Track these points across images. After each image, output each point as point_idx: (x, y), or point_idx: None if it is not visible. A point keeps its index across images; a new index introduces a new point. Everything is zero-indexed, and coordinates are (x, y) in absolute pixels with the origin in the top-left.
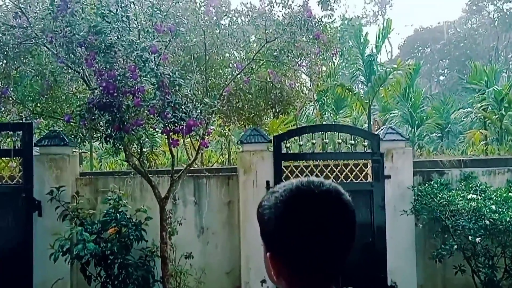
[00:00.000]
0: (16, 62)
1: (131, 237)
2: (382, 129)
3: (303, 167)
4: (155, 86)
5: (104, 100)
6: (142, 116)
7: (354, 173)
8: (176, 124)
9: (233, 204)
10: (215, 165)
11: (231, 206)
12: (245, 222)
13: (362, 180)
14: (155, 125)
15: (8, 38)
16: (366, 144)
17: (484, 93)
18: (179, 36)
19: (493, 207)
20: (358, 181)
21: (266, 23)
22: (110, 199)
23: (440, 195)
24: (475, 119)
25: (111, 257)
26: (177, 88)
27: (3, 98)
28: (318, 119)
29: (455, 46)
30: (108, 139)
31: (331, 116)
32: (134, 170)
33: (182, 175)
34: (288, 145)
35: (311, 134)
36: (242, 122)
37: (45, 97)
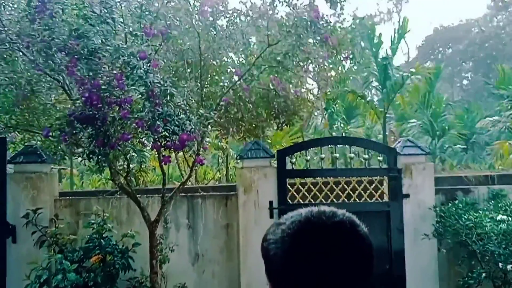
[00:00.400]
0: None
1: (117, 266)
2: (399, 141)
3: (310, 185)
4: (144, 96)
5: (87, 112)
6: (129, 129)
7: (368, 191)
8: (167, 139)
9: (231, 227)
10: (211, 182)
11: (230, 230)
12: (245, 247)
13: (377, 199)
14: (144, 139)
15: None
16: (381, 158)
17: None
18: (171, 40)
19: None
20: (373, 200)
21: (268, 24)
22: (93, 223)
23: (465, 216)
24: (504, 128)
25: None
26: (168, 98)
27: None
28: (327, 130)
29: (479, 47)
30: (91, 155)
31: (342, 126)
32: (120, 190)
33: (174, 195)
34: (293, 160)
35: (319, 147)
36: (241, 135)
37: (20, 109)
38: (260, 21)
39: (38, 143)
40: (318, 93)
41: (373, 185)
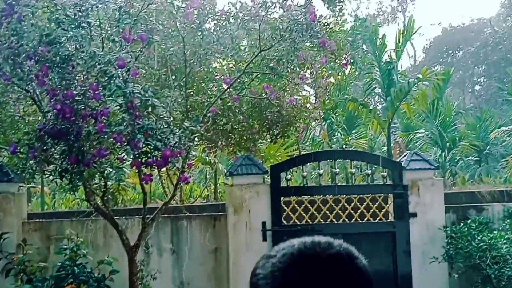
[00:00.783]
0: None
1: None
2: (405, 155)
3: (307, 204)
4: (123, 107)
5: (59, 126)
6: (106, 145)
7: (371, 210)
8: (149, 155)
9: (220, 252)
10: (198, 201)
11: (218, 255)
12: (235, 274)
13: (381, 219)
14: (123, 156)
15: None
16: (385, 174)
17: None
18: (153, 45)
19: None
20: (376, 220)
21: (260, 27)
22: (65, 248)
23: (479, 237)
24: None
25: None
26: (150, 110)
27: None
28: (326, 142)
29: (492, 49)
30: (63, 173)
31: (342, 137)
32: (96, 211)
33: (157, 216)
34: (288, 176)
35: (317, 162)
36: (231, 148)
37: None
38: (251, 24)
39: (5, 160)
40: (315, 101)
41: (377, 203)
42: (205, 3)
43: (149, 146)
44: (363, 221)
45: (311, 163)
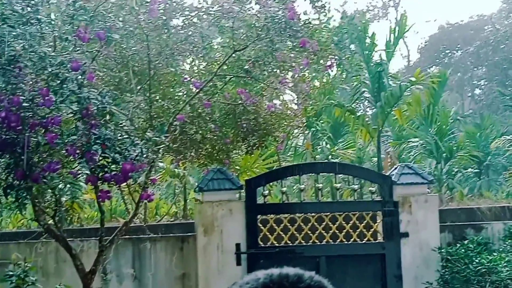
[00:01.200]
0: None
1: None
2: (395, 167)
3: (287, 223)
4: (77, 115)
5: (4, 136)
6: (58, 157)
7: (358, 230)
8: (106, 169)
9: (189, 278)
10: (165, 219)
11: (187, 281)
12: None
13: (369, 240)
14: (76, 170)
15: None
16: (374, 189)
17: None
18: (112, 44)
19: None
20: (364, 241)
21: (234, 24)
22: (11, 275)
23: (477, 259)
24: None
25: None
26: (108, 118)
27: None
28: (309, 153)
29: (494, 49)
30: (9, 190)
31: (327, 147)
32: (46, 233)
33: (116, 237)
34: (266, 192)
35: (299, 175)
36: (202, 161)
37: None
38: (224, 21)
39: None
40: (297, 108)
41: (364, 221)
42: None
43: (107, 159)
44: (349, 242)
45: (292, 176)
